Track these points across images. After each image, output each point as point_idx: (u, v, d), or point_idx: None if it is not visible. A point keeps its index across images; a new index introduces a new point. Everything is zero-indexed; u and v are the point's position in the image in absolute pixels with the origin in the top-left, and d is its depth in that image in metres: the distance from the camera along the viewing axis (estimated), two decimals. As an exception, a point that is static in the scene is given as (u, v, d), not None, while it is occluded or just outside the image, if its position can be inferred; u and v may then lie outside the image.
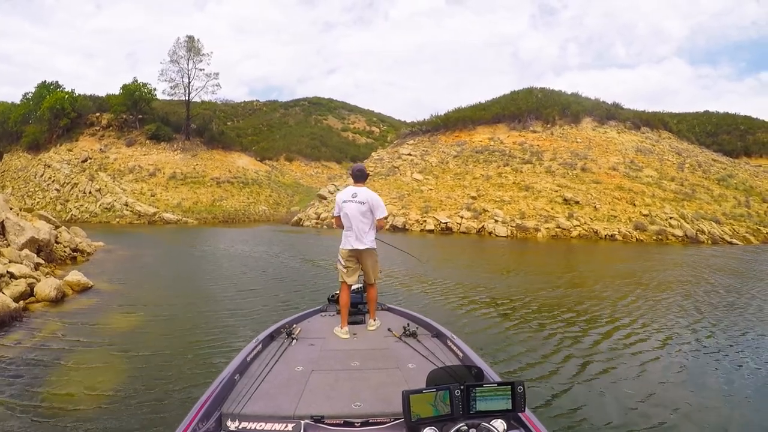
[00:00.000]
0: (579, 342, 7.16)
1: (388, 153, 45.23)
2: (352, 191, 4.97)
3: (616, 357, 6.46)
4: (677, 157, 37.31)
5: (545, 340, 7.26)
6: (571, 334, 7.63)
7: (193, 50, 54.56)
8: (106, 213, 40.63)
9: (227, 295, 10.35)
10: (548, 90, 49.63)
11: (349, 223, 4.95)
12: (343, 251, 5.03)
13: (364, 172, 5.13)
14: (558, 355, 6.51)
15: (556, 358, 6.38)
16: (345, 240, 5.02)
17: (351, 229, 4.96)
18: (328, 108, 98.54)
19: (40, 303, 9.05)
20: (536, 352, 6.66)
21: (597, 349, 6.79)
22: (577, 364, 6.12)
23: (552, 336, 7.49)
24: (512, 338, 7.35)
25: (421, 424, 2.28)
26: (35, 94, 56.87)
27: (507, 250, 21.27)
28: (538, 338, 7.39)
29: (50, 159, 48.93)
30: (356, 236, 4.95)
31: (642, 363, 6.22)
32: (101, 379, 5.43)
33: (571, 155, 35.76)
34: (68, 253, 14.70)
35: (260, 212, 45.71)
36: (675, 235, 25.69)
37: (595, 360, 6.32)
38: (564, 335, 7.53)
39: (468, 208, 30.21)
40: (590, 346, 6.97)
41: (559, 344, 7.04)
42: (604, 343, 7.10)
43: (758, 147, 56.20)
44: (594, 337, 7.42)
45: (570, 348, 6.84)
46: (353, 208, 4.93)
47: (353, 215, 4.93)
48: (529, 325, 8.24)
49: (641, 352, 6.67)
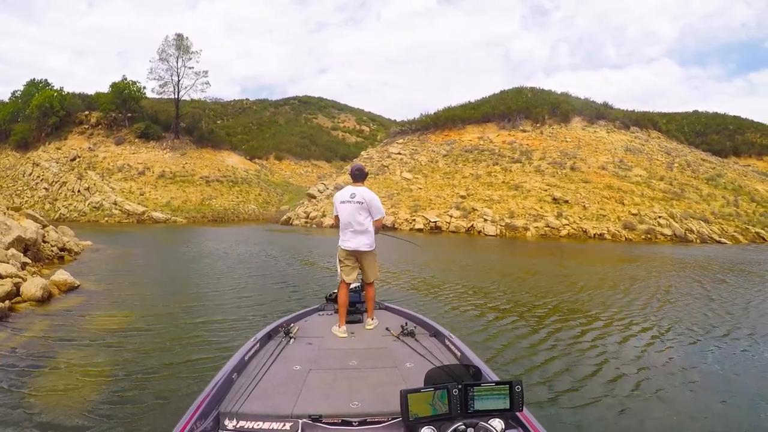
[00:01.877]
0: (577, 342, 7.16)
1: (377, 152, 45.29)
2: (351, 191, 4.93)
3: (615, 357, 6.45)
4: (666, 157, 37.63)
5: (540, 337, 7.26)
6: (569, 333, 7.63)
7: (183, 48, 54.41)
8: (94, 212, 40.33)
9: (215, 294, 10.27)
10: (538, 89, 49.94)
11: (347, 222, 4.92)
12: (341, 251, 4.99)
13: (363, 171, 5.08)
14: (557, 355, 6.50)
15: (555, 358, 6.37)
16: (343, 239, 4.98)
17: (349, 229, 4.93)
18: (318, 107, 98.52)
19: (27, 303, 8.92)
20: (532, 350, 6.65)
21: (596, 349, 6.78)
22: (576, 364, 6.11)
23: (548, 334, 7.49)
24: (509, 336, 7.34)
25: (419, 423, 2.27)
26: (24, 92, 56.54)
27: (496, 249, 21.31)
28: (534, 336, 7.38)
29: (39, 157, 48.48)
30: (355, 236, 4.93)
31: (640, 361, 6.23)
32: (87, 379, 5.35)
33: (561, 154, 35.96)
34: (56, 253, 14.53)
35: (250, 211, 45.59)
36: (664, 234, 25.90)
37: (595, 360, 6.31)
38: (562, 335, 7.53)
39: (457, 207, 30.30)
40: (589, 346, 6.96)
41: (556, 344, 7.03)
42: (603, 344, 7.10)
43: (747, 147, 56.97)
44: (591, 337, 7.43)
45: (568, 348, 6.83)
46: (352, 208, 4.90)
47: (351, 215, 4.90)
48: (526, 323, 8.23)
49: (639, 352, 6.68)
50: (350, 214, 4.90)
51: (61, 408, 4.61)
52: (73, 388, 5.10)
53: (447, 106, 48.83)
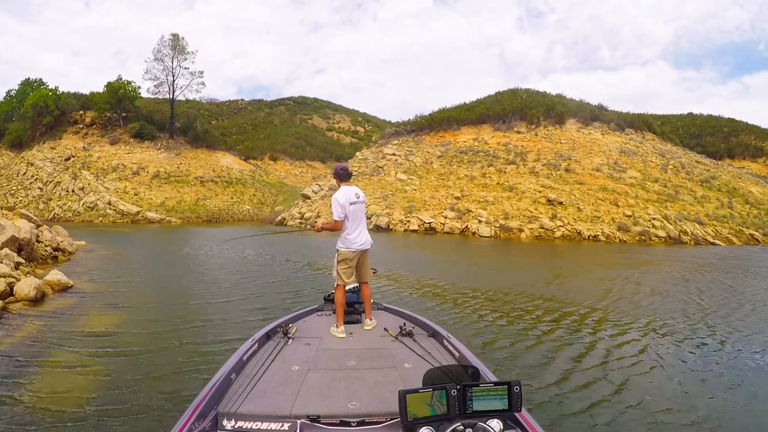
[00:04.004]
0: (575, 341, 7.18)
1: (372, 153, 45.24)
2: (354, 191, 4.94)
3: (614, 357, 6.46)
4: (661, 159, 37.74)
5: (537, 338, 7.27)
6: (566, 333, 7.65)
7: (178, 48, 54.31)
8: (89, 212, 40.21)
9: (209, 294, 10.27)
10: (533, 91, 49.92)
11: (356, 223, 4.92)
12: (348, 253, 4.91)
13: (349, 169, 5.17)
14: (555, 355, 6.51)
15: (553, 358, 6.38)
16: (351, 241, 4.92)
17: (358, 230, 4.94)
18: (314, 107, 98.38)
19: (20, 303, 8.89)
20: (531, 351, 6.67)
21: (594, 349, 6.80)
22: (574, 364, 6.13)
23: (546, 334, 7.51)
24: (506, 335, 7.35)
25: (418, 423, 2.27)
26: (18, 92, 56.36)
27: (489, 251, 21.34)
28: (531, 337, 7.39)
29: (33, 157, 48.29)
30: (364, 235, 4.98)
31: (637, 362, 6.25)
32: (80, 379, 5.33)
33: (555, 156, 36.00)
34: (49, 253, 14.47)
35: (244, 212, 45.53)
36: (658, 236, 25.99)
37: (593, 360, 6.33)
38: (560, 334, 7.54)
39: (452, 209, 30.30)
40: (587, 345, 6.98)
41: (554, 343, 7.04)
42: (601, 343, 7.11)
43: (741, 149, 57.26)
44: (590, 337, 7.44)
45: (566, 347, 6.85)
46: (360, 209, 4.96)
47: (360, 215, 4.97)
48: (523, 322, 8.25)
49: (637, 352, 6.70)
50: (360, 214, 4.96)
51: (54, 408, 4.59)
52: (67, 388, 5.08)
53: (442, 107, 48.84)
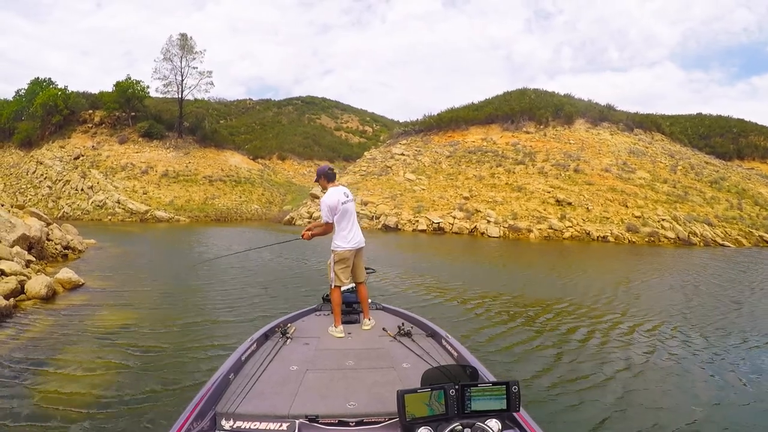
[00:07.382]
0: (574, 341, 7.18)
1: (380, 153, 45.18)
2: (342, 191, 5.00)
3: (613, 357, 6.46)
4: (670, 159, 37.43)
5: (538, 339, 7.27)
6: (566, 333, 7.65)
7: (186, 48, 54.35)
8: (98, 210, 40.45)
9: (219, 293, 10.30)
10: (541, 91, 49.61)
11: (350, 222, 4.99)
12: (345, 252, 4.96)
13: (333, 170, 5.25)
14: (554, 355, 6.52)
15: (552, 358, 6.39)
16: (347, 241, 4.98)
17: (352, 229, 5.01)
18: (322, 107, 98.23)
19: (31, 301, 8.99)
20: (531, 351, 6.67)
21: (593, 349, 6.80)
22: (573, 364, 6.13)
23: (544, 334, 7.50)
24: (506, 335, 7.36)
25: (416, 423, 2.27)
26: (28, 91, 56.58)
27: (498, 251, 21.30)
28: (532, 337, 7.39)
29: (42, 156, 48.60)
30: (357, 233, 5.05)
31: (637, 363, 6.24)
32: (92, 377, 5.40)
33: (564, 156, 35.81)
34: (59, 251, 14.60)
35: (252, 211, 45.55)
36: (667, 237, 25.82)
37: (592, 360, 6.32)
38: (559, 334, 7.54)
39: (460, 209, 30.24)
40: (585, 345, 6.98)
41: (553, 343, 7.04)
42: (599, 344, 7.11)
43: (751, 150, 56.54)
44: (589, 337, 7.44)
45: (565, 347, 6.85)
46: (351, 207, 5.03)
47: (353, 214, 5.03)
48: (522, 323, 8.25)
49: (637, 352, 6.69)
50: (352, 213, 5.02)
51: (66, 405, 4.65)
52: (78, 385, 5.14)
53: (450, 107, 48.61)
